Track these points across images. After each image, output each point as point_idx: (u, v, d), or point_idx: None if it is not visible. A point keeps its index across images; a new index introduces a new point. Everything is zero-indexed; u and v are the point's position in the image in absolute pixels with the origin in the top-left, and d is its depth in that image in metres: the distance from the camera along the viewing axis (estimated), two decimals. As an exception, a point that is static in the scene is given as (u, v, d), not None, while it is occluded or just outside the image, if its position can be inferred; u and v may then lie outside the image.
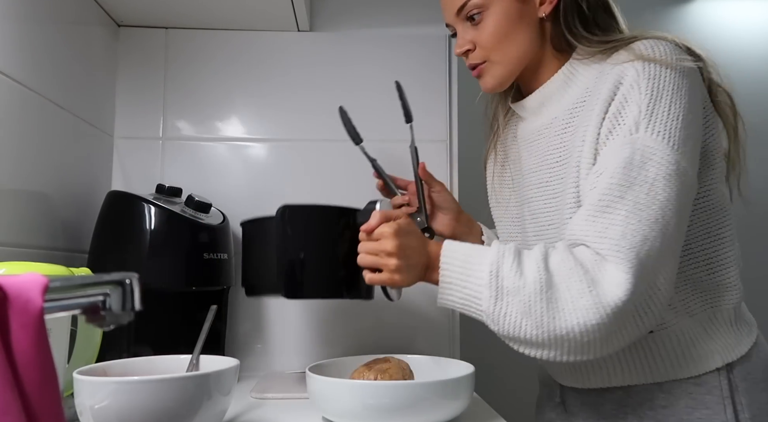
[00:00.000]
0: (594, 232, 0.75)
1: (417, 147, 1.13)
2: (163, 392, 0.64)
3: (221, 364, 0.74)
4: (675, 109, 0.77)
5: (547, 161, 0.93)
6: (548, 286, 0.73)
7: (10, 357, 0.36)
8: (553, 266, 0.75)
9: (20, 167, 0.91)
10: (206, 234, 1.05)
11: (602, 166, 0.78)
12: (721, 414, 0.81)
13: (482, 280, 0.76)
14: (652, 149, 0.75)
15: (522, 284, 0.74)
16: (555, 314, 0.73)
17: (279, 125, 1.28)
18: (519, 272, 0.75)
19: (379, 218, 0.82)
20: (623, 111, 0.78)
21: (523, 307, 0.74)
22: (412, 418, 0.72)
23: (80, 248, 1.07)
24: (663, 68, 0.79)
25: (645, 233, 0.72)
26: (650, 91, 0.78)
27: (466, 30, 0.92)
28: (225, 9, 1.20)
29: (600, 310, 0.71)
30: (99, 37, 1.19)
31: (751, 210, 0.89)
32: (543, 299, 0.73)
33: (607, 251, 0.73)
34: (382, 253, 0.81)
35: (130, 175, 1.25)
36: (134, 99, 1.26)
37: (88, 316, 0.43)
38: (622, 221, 0.73)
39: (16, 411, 0.35)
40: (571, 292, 0.73)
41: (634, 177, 0.74)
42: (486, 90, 0.96)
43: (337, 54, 1.30)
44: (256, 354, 1.22)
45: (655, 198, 0.73)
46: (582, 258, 0.74)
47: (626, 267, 0.71)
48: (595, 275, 0.73)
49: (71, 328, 0.77)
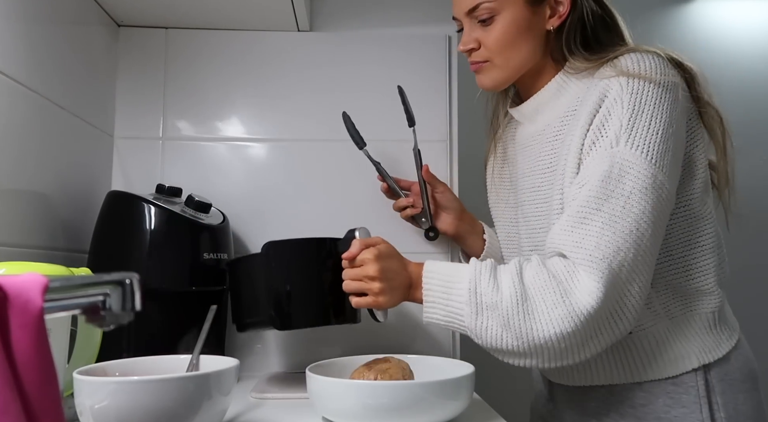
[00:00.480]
0: (570, 242, 0.79)
1: (420, 150, 1.14)
2: (163, 392, 0.64)
3: (221, 364, 0.74)
4: (655, 124, 0.80)
5: (539, 166, 0.97)
6: (524, 299, 0.78)
7: (10, 357, 0.36)
8: (528, 280, 0.79)
9: (20, 167, 0.90)
10: (206, 234, 1.05)
11: (583, 178, 0.82)
12: (697, 413, 0.85)
13: (462, 297, 0.81)
14: (630, 163, 0.78)
15: (499, 298, 0.79)
16: (532, 324, 0.77)
17: (279, 125, 1.28)
18: (496, 287, 0.80)
19: (360, 246, 0.87)
20: (606, 124, 0.82)
21: (502, 320, 0.78)
22: (412, 418, 0.72)
23: (80, 248, 1.07)
24: (646, 83, 0.82)
25: (618, 244, 0.76)
26: (632, 106, 0.81)
27: (473, 29, 0.95)
28: (225, 9, 1.20)
29: (574, 318, 0.76)
30: (99, 37, 1.19)
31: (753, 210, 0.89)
32: (520, 312, 0.78)
33: (580, 260, 0.77)
34: (365, 278, 0.85)
35: (130, 175, 1.25)
36: (134, 99, 1.26)
37: (88, 316, 0.43)
38: (597, 232, 0.77)
39: (16, 411, 0.35)
40: (546, 303, 0.77)
41: (611, 190, 0.78)
42: (482, 88, 1.00)
43: (337, 54, 1.30)
44: (256, 354, 1.22)
45: (630, 211, 0.77)
46: (555, 269, 0.79)
47: (597, 276, 0.75)
48: (567, 285, 0.77)
49: (71, 328, 0.77)
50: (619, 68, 0.84)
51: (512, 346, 0.79)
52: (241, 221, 1.24)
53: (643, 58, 0.85)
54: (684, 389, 0.86)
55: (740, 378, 0.89)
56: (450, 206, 1.15)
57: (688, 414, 0.85)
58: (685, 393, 0.86)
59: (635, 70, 0.83)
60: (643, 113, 0.81)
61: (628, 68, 0.83)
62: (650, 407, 0.87)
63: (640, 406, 0.88)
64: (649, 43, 0.92)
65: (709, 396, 0.86)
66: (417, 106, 1.20)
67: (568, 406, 0.98)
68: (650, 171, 0.78)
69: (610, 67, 0.86)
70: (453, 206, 1.16)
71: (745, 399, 0.88)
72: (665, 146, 0.80)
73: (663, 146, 0.80)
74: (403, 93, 1.16)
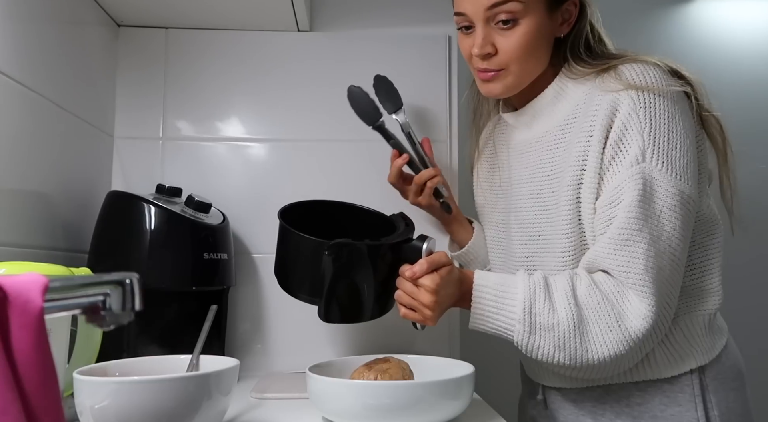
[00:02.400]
0: (617, 264, 0.80)
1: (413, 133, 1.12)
2: (163, 392, 0.64)
3: (221, 364, 0.74)
4: (673, 137, 0.82)
5: (538, 173, 0.96)
6: (579, 321, 0.80)
7: (10, 357, 0.36)
8: (582, 300, 0.81)
9: (20, 167, 0.90)
10: (206, 234, 1.05)
11: (615, 196, 0.82)
12: (692, 411, 0.87)
13: (516, 315, 0.82)
14: (659, 181, 0.80)
15: (556, 321, 0.80)
16: (587, 347, 0.80)
17: (279, 125, 1.28)
18: (551, 309, 0.80)
19: (426, 269, 0.83)
20: (624, 139, 0.83)
21: (557, 342, 0.80)
22: (412, 418, 0.72)
23: (80, 248, 1.07)
24: (656, 96, 0.83)
25: (661, 264, 0.79)
26: (649, 120, 0.82)
27: (490, 32, 0.89)
28: (225, 9, 1.20)
29: (628, 341, 0.79)
30: (99, 37, 1.19)
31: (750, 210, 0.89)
32: (576, 336, 0.80)
33: (631, 283, 0.79)
34: (419, 302, 0.84)
35: (130, 175, 1.25)
36: (134, 99, 1.26)
37: (88, 316, 0.43)
38: (643, 254, 0.79)
39: (17, 411, 0.35)
40: (600, 326, 0.79)
41: (647, 210, 0.80)
42: (489, 95, 0.97)
43: (337, 54, 1.30)
44: (256, 354, 1.22)
45: (664, 229, 0.80)
46: (606, 290, 0.81)
47: (649, 300, 0.78)
48: (620, 308, 0.79)
49: (71, 328, 0.77)
50: (625, 81, 0.84)
51: (564, 363, 0.81)
52: (241, 221, 1.24)
53: (647, 70, 0.85)
54: (679, 388, 0.88)
55: (731, 377, 0.91)
56: None
57: (684, 413, 0.87)
58: (680, 392, 0.87)
59: (642, 83, 0.83)
60: (661, 128, 0.82)
61: (635, 81, 0.84)
62: (646, 406, 0.89)
63: (636, 405, 0.89)
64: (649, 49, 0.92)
65: (704, 395, 0.88)
66: (417, 106, 1.19)
67: (561, 406, 0.98)
68: (678, 188, 0.80)
69: (615, 80, 0.85)
70: None
71: (735, 396, 0.90)
72: (686, 159, 0.82)
73: (685, 159, 0.82)
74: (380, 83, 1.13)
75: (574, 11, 0.92)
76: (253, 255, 1.25)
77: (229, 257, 1.10)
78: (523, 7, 0.87)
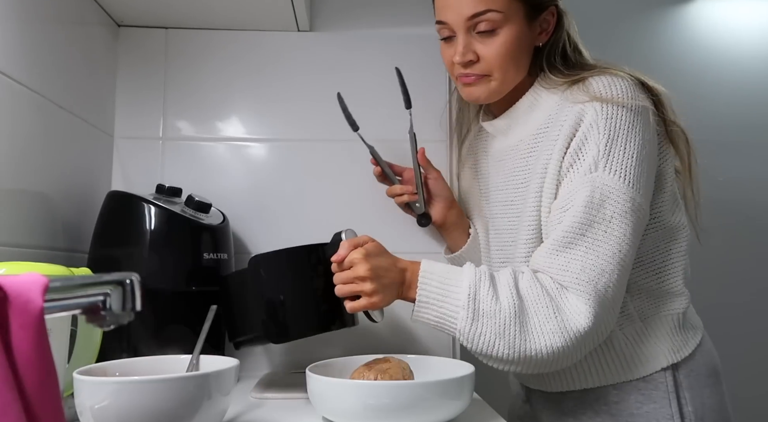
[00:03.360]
0: (557, 266, 0.83)
1: (416, 133, 1.14)
2: (163, 392, 0.64)
3: (221, 364, 0.74)
4: (630, 148, 0.84)
5: (512, 181, 0.99)
6: (520, 310, 0.81)
7: (10, 357, 0.36)
8: (524, 291, 0.82)
9: (20, 167, 0.90)
10: (206, 234, 1.05)
11: (566, 202, 0.85)
12: (667, 408, 0.90)
13: (460, 301, 0.82)
14: (610, 188, 0.82)
15: (498, 308, 0.81)
16: (526, 336, 0.81)
17: (279, 125, 1.28)
18: (495, 296, 0.82)
19: (348, 247, 0.86)
20: (583, 148, 0.85)
21: (497, 329, 0.81)
22: (412, 418, 0.72)
23: (80, 248, 1.07)
24: (618, 108, 0.85)
25: (602, 266, 0.81)
26: (607, 132, 0.84)
27: (471, 40, 0.93)
28: (225, 9, 1.20)
29: (564, 335, 0.80)
30: (99, 37, 1.19)
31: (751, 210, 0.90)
32: (516, 324, 0.81)
33: (567, 283, 0.82)
34: (356, 279, 0.85)
35: (130, 175, 1.25)
36: (134, 99, 1.26)
37: (88, 316, 0.43)
38: (582, 256, 0.82)
39: (17, 411, 0.35)
40: (539, 316, 0.81)
41: (593, 215, 0.82)
42: (471, 100, 0.99)
43: (337, 54, 1.30)
44: (256, 354, 1.22)
45: (612, 234, 0.82)
46: (546, 285, 0.83)
47: (586, 298, 0.80)
48: (559, 301, 0.81)
49: (71, 328, 0.77)
50: (592, 93, 0.87)
51: (503, 354, 0.82)
52: (241, 221, 1.24)
53: (614, 82, 0.88)
54: (654, 386, 0.91)
55: (705, 374, 0.94)
56: (441, 194, 1.16)
57: (659, 409, 0.90)
58: (655, 390, 0.91)
59: (608, 95, 0.86)
60: (619, 138, 0.84)
61: (601, 93, 0.87)
62: (623, 404, 0.92)
63: (614, 404, 0.92)
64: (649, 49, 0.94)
65: (678, 392, 0.91)
66: (416, 106, 1.19)
67: (544, 406, 1.02)
68: (629, 195, 0.83)
69: (583, 92, 0.88)
70: (444, 195, 1.16)
71: (711, 393, 0.93)
72: (640, 169, 0.84)
73: (638, 169, 0.84)
74: (401, 75, 1.15)
75: (552, 21, 0.96)
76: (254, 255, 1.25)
77: (229, 257, 1.10)
78: (502, 16, 0.90)
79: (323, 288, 0.90)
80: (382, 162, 1.15)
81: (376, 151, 1.15)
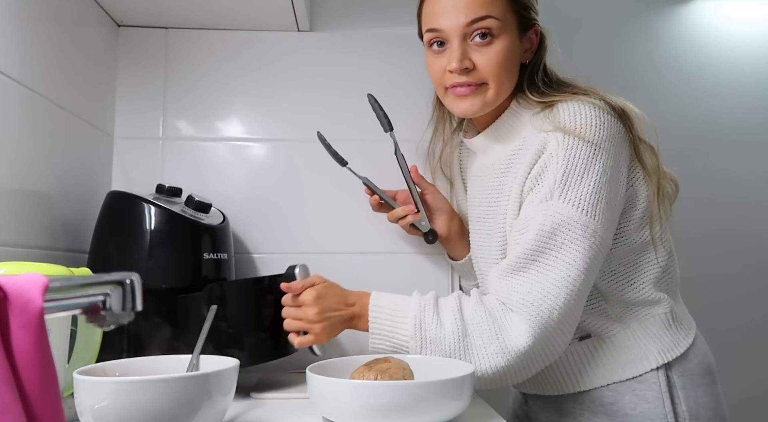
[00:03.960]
0: (506, 288, 0.86)
1: (403, 154, 1.14)
2: (163, 392, 0.64)
3: (221, 364, 0.74)
4: (587, 178, 0.86)
5: (486, 199, 1.02)
6: (464, 334, 0.85)
7: (10, 357, 0.36)
8: (468, 316, 0.86)
9: (20, 167, 0.90)
10: (206, 234, 1.05)
11: (523, 226, 0.88)
12: (661, 408, 0.91)
13: (408, 331, 0.87)
14: (562, 216, 0.84)
15: (442, 334, 0.85)
16: (471, 359, 0.85)
17: (279, 125, 1.28)
18: (439, 323, 0.86)
19: (300, 286, 0.91)
20: (542, 176, 0.88)
21: (444, 354, 0.86)
22: (412, 418, 0.72)
23: (80, 248, 1.07)
24: (579, 141, 0.87)
25: (548, 290, 0.83)
26: (565, 163, 0.86)
27: (467, 48, 0.92)
28: (225, 9, 1.20)
29: (506, 355, 0.83)
30: (99, 37, 1.19)
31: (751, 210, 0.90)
32: (460, 348, 0.85)
33: (513, 304, 0.85)
34: (305, 320, 0.89)
35: (130, 175, 1.25)
36: (134, 99, 1.26)
37: (88, 316, 0.43)
38: (531, 280, 0.84)
39: (17, 411, 0.35)
40: (482, 339, 0.84)
41: (545, 242, 0.85)
42: (462, 114, 0.98)
43: (337, 54, 1.30)
44: (256, 354, 1.22)
45: (562, 260, 0.84)
46: (491, 307, 0.86)
47: (527, 318, 0.83)
48: (502, 322, 0.84)
49: (71, 328, 0.77)
50: (556, 123, 0.89)
51: None
52: (241, 221, 1.24)
53: (579, 111, 0.88)
54: (647, 386, 0.92)
55: (699, 373, 0.95)
56: (440, 207, 1.16)
57: (653, 410, 0.91)
58: (648, 390, 0.92)
59: (570, 126, 0.87)
60: (576, 168, 0.86)
61: (564, 123, 0.88)
62: (618, 405, 0.93)
63: (609, 404, 0.94)
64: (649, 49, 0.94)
65: (671, 392, 0.92)
66: (416, 106, 1.20)
67: (543, 408, 1.03)
68: (582, 222, 0.84)
69: (549, 120, 0.90)
70: (443, 207, 1.16)
71: (705, 392, 0.94)
72: (597, 196, 0.85)
73: (595, 197, 0.85)
74: (375, 100, 1.14)
75: (535, 41, 0.98)
76: (253, 255, 1.25)
77: (229, 257, 1.10)
78: (500, 24, 0.91)
79: (272, 317, 0.95)
80: (378, 190, 1.14)
81: (369, 180, 1.15)
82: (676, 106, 2.02)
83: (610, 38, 1.99)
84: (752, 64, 2.11)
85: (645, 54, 2.03)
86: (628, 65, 2.00)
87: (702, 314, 1.03)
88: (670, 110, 1.99)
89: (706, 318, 1.04)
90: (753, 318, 2.03)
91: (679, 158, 1.12)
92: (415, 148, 1.23)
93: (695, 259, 0.98)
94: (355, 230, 1.26)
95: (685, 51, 2.08)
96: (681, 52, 2.08)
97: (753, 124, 2.08)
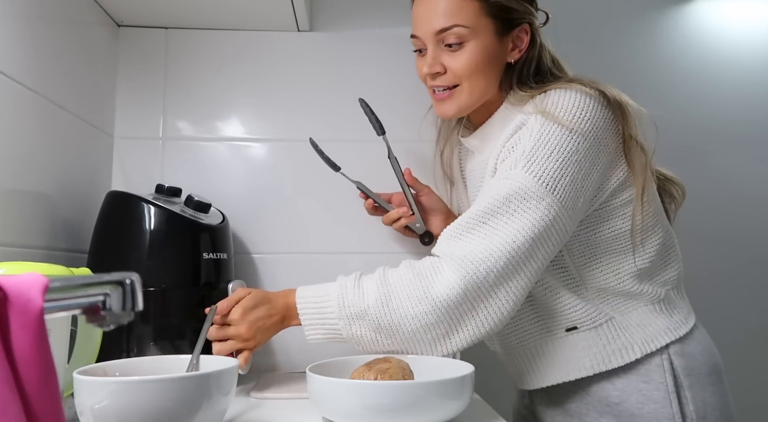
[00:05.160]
0: (450, 246, 0.86)
1: (396, 157, 1.14)
2: (163, 392, 0.64)
3: (221, 364, 0.74)
4: (556, 154, 0.86)
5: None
6: (388, 298, 0.84)
7: (10, 357, 0.36)
8: (392, 281, 0.86)
9: (20, 167, 0.90)
10: (206, 234, 1.05)
11: (483, 192, 0.89)
12: (668, 408, 0.91)
13: (333, 313, 0.87)
14: (520, 184, 0.84)
15: (366, 305, 0.85)
16: (399, 321, 0.83)
17: (279, 125, 1.28)
18: (361, 294, 0.86)
19: (227, 305, 0.90)
20: (514, 148, 0.89)
21: (372, 325, 0.85)
22: (412, 418, 0.72)
23: (80, 248, 1.07)
24: (555, 125, 0.87)
25: (490, 251, 0.82)
26: (538, 137, 0.87)
27: (439, 53, 0.96)
28: (225, 9, 1.20)
29: (429, 301, 0.82)
30: (99, 37, 1.19)
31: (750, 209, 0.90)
32: (386, 313, 0.84)
33: (448, 258, 0.84)
34: (238, 338, 0.89)
35: (130, 175, 1.25)
36: (134, 99, 1.26)
37: (88, 316, 0.43)
38: (476, 241, 0.84)
39: (17, 411, 0.35)
40: (410, 298, 0.83)
41: (498, 207, 0.85)
42: (444, 116, 1.01)
43: (337, 54, 1.30)
44: (256, 354, 1.22)
45: (510, 225, 0.84)
46: (421, 267, 0.86)
47: (462, 274, 0.82)
48: (431, 280, 0.83)
49: (71, 328, 0.77)
50: (541, 106, 0.89)
51: (388, 346, 0.86)
52: (241, 221, 1.24)
53: (565, 97, 0.89)
54: (654, 386, 0.92)
55: (706, 372, 0.95)
56: (436, 208, 1.16)
57: (660, 410, 0.91)
58: (655, 390, 0.92)
59: (553, 108, 0.88)
60: (547, 144, 0.86)
61: (546, 107, 0.89)
62: (625, 405, 0.93)
63: (616, 404, 0.93)
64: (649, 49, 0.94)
65: (678, 392, 0.92)
66: (415, 106, 1.20)
67: (548, 407, 1.02)
68: (539, 193, 0.84)
69: (533, 104, 0.91)
70: (439, 207, 1.17)
71: (713, 391, 0.94)
72: (562, 172, 0.85)
73: (559, 172, 0.85)
74: (366, 105, 1.14)
75: (525, 38, 0.98)
76: (253, 255, 1.25)
77: (229, 257, 1.10)
78: (469, 31, 0.93)
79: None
80: (372, 194, 1.15)
81: (363, 184, 1.15)
82: (676, 106, 2.02)
83: (610, 38, 1.99)
84: (752, 64, 2.11)
85: (645, 54, 2.03)
86: (628, 65, 2.00)
87: (702, 314, 1.03)
88: (670, 110, 1.98)
89: (705, 317, 1.04)
90: (753, 317, 2.03)
91: (679, 158, 1.12)
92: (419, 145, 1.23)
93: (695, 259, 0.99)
94: (354, 230, 1.26)
95: (685, 51, 2.08)
96: (681, 52, 2.08)
97: (753, 124, 2.08)
